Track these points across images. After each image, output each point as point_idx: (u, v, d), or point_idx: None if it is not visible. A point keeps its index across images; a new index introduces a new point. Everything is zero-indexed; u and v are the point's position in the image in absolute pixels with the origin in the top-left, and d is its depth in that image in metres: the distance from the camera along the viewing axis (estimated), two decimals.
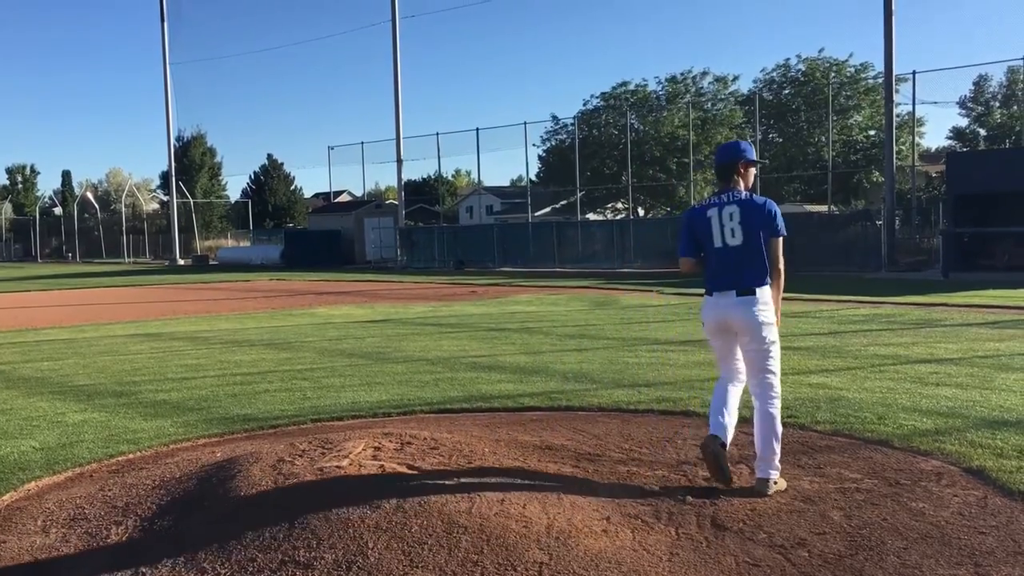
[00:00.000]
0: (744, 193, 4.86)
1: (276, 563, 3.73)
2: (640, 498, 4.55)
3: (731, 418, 4.78)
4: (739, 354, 4.90)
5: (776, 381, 4.79)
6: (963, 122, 47.57)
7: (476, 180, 64.38)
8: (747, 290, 4.71)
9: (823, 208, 37.87)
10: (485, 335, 12.70)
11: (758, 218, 4.76)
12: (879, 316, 14.25)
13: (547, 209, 52.19)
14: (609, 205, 51.59)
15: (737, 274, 4.73)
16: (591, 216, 47.56)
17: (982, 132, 46.61)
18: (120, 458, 5.98)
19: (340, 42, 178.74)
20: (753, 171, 5.04)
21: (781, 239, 4.82)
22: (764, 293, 4.73)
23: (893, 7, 27.51)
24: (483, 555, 3.74)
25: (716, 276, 4.81)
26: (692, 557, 3.84)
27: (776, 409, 4.77)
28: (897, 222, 29.40)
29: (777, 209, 4.84)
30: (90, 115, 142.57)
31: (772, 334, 4.75)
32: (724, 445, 4.71)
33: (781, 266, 4.82)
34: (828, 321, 13.74)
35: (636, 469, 5.10)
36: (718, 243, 4.79)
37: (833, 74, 45.98)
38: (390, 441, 5.13)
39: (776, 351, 4.79)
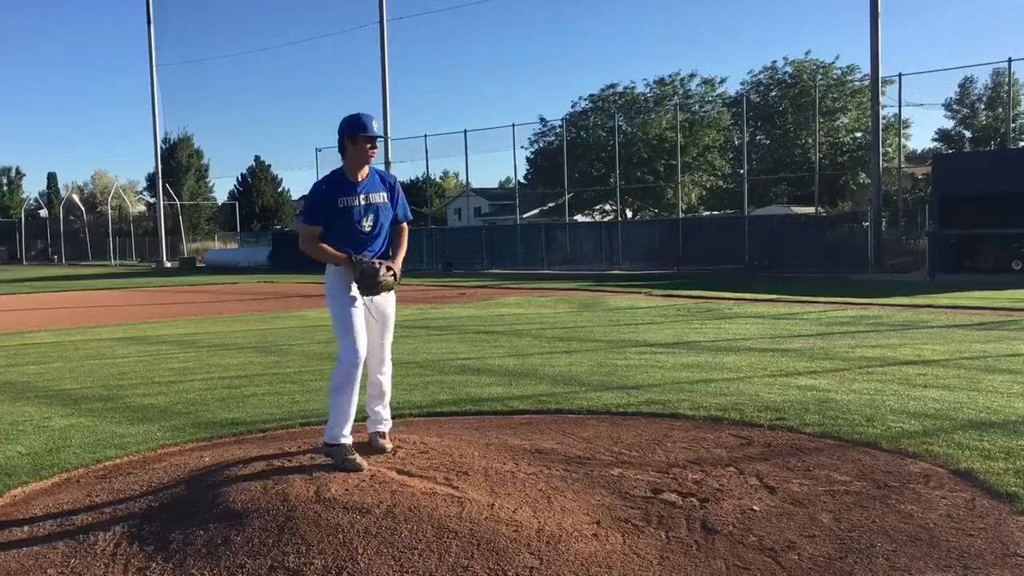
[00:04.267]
0: None
1: (265, 569, 3.71)
2: (630, 502, 4.55)
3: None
4: None
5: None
6: (949, 124, 47.96)
7: (464, 182, 64.34)
8: None
9: (810, 210, 38.03)
10: (474, 337, 12.69)
11: None
12: (866, 318, 14.31)
13: (535, 211, 52.27)
14: (597, 207, 51.75)
15: None
16: (579, 218, 47.69)
17: (968, 134, 46.95)
18: (107, 463, 5.94)
19: (328, 44, 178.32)
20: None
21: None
22: None
23: (879, 10, 27.65)
24: (473, 560, 3.73)
25: None
26: (682, 561, 3.84)
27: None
28: (883, 224, 29.55)
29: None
30: (76, 117, 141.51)
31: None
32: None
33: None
34: (815, 323, 13.79)
35: (625, 472, 5.10)
36: None
37: (820, 76, 46.28)
38: None
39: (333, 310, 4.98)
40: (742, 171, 42.33)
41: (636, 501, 4.56)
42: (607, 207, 50.55)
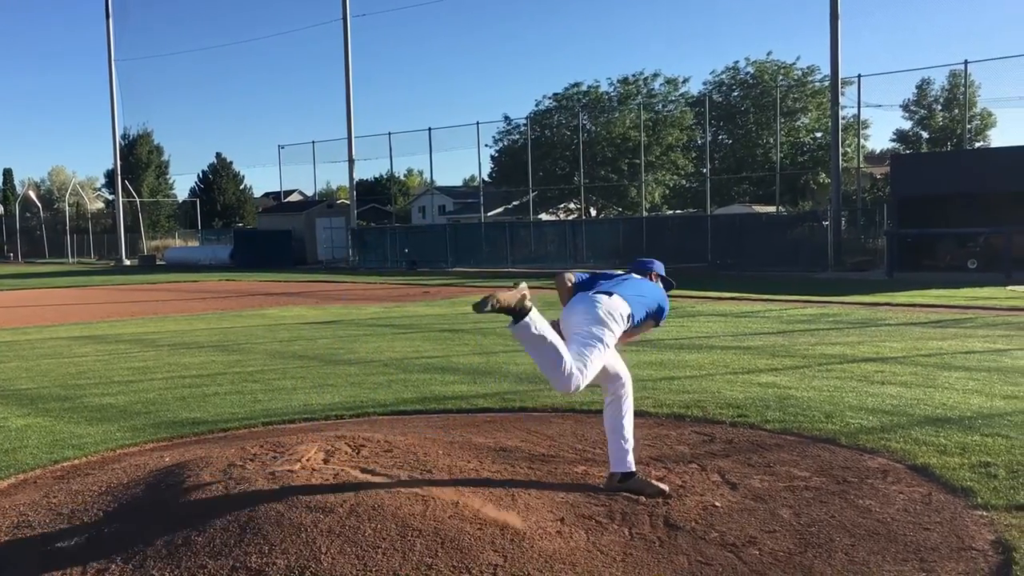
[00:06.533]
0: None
1: (227, 569, 3.68)
2: (594, 499, 4.57)
3: None
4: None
5: None
6: (906, 125, 48.53)
7: (428, 180, 64.16)
8: None
9: (771, 209, 38.50)
10: (438, 336, 12.67)
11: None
12: (826, 315, 14.50)
13: (500, 209, 52.26)
14: (561, 205, 51.84)
15: None
16: (543, 216, 47.78)
17: (925, 135, 47.62)
18: (65, 464, 5.86)
19: (291, 40, 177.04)
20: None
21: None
22: None
23: (839, 11, 28.02)
24: (437, 558, 3.73)
25: None
26: (645, 557, 3.87)
27: None
28: (843, 223, 29.97)
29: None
30: (32, 112, 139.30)
31: None
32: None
33: None
34: (776, 321, 13.94)
35: (590, 470, 5.12)
36: None
37: (781, 77, 46.70)
38: (343, 444, 5.09)
39: None
40: (705, 170, 42.65)
41: (600, 498, 4.58)
42: (571, 205, 50.65)
